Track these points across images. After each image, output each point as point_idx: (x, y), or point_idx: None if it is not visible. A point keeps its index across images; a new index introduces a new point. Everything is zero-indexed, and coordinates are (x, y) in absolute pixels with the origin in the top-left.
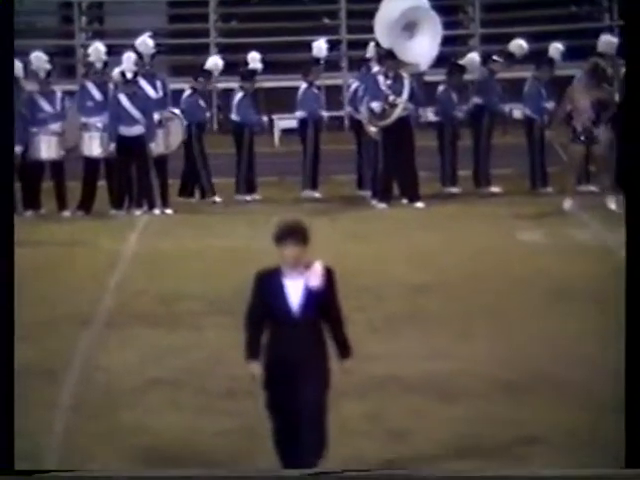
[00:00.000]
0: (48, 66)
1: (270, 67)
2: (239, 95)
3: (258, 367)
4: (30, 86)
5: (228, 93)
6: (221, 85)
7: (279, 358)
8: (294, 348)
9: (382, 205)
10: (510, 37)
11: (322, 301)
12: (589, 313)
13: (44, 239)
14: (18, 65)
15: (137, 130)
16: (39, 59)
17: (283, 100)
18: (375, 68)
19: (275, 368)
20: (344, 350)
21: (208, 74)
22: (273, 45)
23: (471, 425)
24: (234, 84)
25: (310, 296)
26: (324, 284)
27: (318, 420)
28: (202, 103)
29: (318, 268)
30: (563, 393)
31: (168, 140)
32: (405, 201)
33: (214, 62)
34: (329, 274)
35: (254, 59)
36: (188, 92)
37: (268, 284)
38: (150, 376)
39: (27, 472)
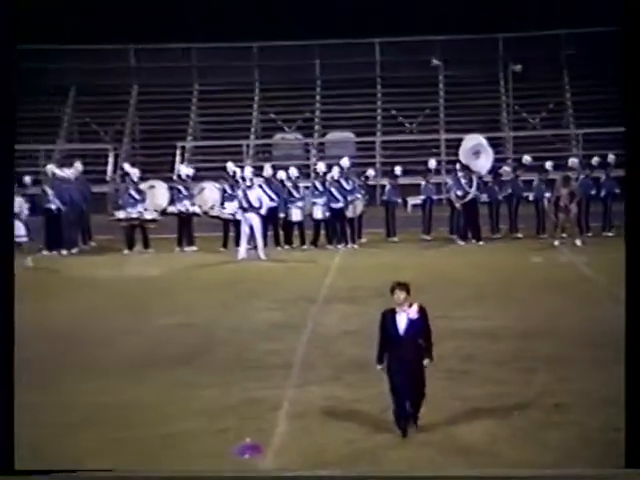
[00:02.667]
0: (296, 173)
1: (409, 173)
2: (388, 187)
3: (382, 367)
4: (288, 183)
5: (384, 186)
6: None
7: (395, 360)
8: (402, 355)
9: (462, 242)
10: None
11: (418, 327)
12: (565, 295)
13: (291, 259)
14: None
15: (340, 205)
16: (292, 172)
17: (414, 189)
18: (459, 173)
19: (393, 366)
20: (428, 356)
21: (366, 177)
22: (410, 162)
23: (503, 354)
24: (386, 182)
25: (410, 324)
26: (419, 317)
27: (419, 392)
28: (363, 191)
29: (415, 307)
30: (551, 334)
31: (355, 210)
32: (473, 240)
33: (369, 172)
34: (422, 310)
35: (397, 170)
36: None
37: (387, 317)
38: (343, 329)
39: (27, 472)
